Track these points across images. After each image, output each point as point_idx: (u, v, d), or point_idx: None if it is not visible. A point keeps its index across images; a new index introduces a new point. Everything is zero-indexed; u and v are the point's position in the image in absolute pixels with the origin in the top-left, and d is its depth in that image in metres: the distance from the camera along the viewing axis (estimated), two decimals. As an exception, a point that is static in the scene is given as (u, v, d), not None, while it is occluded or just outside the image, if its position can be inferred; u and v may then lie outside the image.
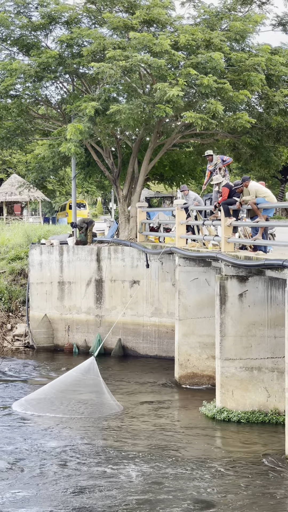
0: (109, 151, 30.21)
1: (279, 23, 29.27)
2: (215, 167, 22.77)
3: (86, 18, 29.10)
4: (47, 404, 20.24)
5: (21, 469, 15.75)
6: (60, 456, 16.51)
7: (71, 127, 25.02)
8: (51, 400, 20.44)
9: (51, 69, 27.76)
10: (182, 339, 23.19)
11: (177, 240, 24.13)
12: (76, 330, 28.98)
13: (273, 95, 26.94)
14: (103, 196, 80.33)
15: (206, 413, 19.57)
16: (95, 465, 15.90)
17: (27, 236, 33.85)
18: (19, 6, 28.61)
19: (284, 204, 31.83)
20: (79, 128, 24.86)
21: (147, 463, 15.96)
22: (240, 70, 25.87)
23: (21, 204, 60.94)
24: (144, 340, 27.58)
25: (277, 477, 15.17)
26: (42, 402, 20.36)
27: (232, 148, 30.70)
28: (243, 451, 16.80)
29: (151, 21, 26.80)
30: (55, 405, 20.25)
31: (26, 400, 20.64)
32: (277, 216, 54.36)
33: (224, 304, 19.16)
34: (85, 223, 30.26)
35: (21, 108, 28.82)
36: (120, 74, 24.80)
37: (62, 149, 25.85)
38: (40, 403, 20.30)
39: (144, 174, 29.51)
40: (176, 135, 28.97)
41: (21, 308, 30.60)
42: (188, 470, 15.57)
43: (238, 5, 28.60)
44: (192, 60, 25.15)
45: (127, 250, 28.04)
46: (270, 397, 19.16)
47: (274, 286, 19.13)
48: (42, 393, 20.74)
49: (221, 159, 22.85)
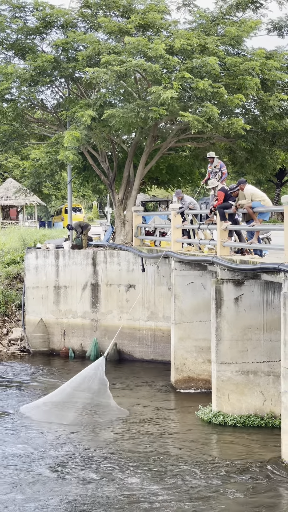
0: (105, 155, 30.22)
1: (274, 27, 29.30)
2: (213, 170, 22.85)
3: (82, 22, 29.13)
4: (53, 410, 20.14)
5: (20, 474, 15.71)
6: (58, 462, 16.49)
7: (68, 134, 25.03)
8: (57, 405, 20.33)
9: (47, 73, 27.76)
10: (178, 343, 23.18)
11: (173, 244, 24.14)
12: (72, 334, 28.95)
13: (268, 100, 26.98)
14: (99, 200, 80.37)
15: (202, 417, 19.56)
16: (91, 470, 15.87)
17: (23, 240, 33.83)
18: (15, 10, 28.61)
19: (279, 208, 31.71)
20: (76, 136, 24.88)
21: (143, 468, 15.93)
22: (235, 74, 25.90)
23: (17, 208, 60.93)
24: (140, 344, 27.55)
25: (273, 481, 15.15)
26: (48, 407, 20.28)
27: (228, 151, 30.73)
28: (239, 455, 16.79)
29: (147, 26, 26.83)
30: (61, 410, 20.14)
31: (33, 405, 20.58)
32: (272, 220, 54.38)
33: (220, 308, 19.16)
34: (80, 227, 30.25)
35: (17, 112, 28.85)
36: (115, 79, 24.81)
37: (60, 157, 25.89)
38: (46, 409, 20.22)
39: (140, 178, 29.52)
40: (171, 139, 28.99)
41: (17, 312, 30.57)
42: (184, 474, 15.54)
43: (233, 9, 28.63)
44: (187, 64, 25.18)
45: (123, 254, 28.04)
46: (266, 401, 19.16)
47: (269, 290, 19.14)
48: (48, 398, 20.65)
49: (221, 166, 22.92)
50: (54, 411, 20.08)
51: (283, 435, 16.02)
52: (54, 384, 23.74)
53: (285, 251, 16.21)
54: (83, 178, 34.87)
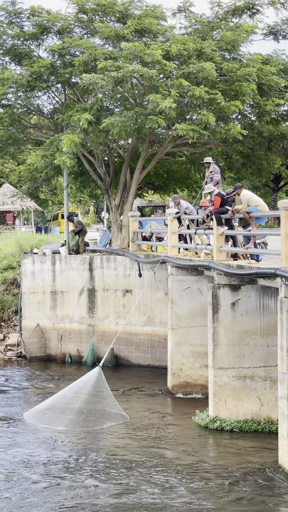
0: (101, 160, 30.23)
1: (270, 32, 29.36)
2: (209, 175, 22.91)
3: (78, 28, 29.16)
4: (53, 415, 20.09)
5: (18, 479, 15.68)
6: (55, 466, 16.47)
7: (67, 139, 25.01)
8: (57, 410, 20.27)
9: (43, 79, 27.77)
10: (175, 348, 23.17)
11: (170, 249, 24.14)
12: (69, 340, 28.93)
13: (265, 104, 27.03)
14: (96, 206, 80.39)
15: (199, 422, 19.54)
16: (87, 475, 15.85)
17: (20, 245, 33.81)
18: (11, 16, 28.65)
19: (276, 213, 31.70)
20: (74, 141, 24.88)
21: (140, 473, 15.91)
22: (231, 80, 25.94)
23: (13, 214, 60.90)
24: (136, 350, 27.54)
25: (270, 486, 15.14)
26: (49, 412, 20.23)
27: (225, 156, 30.77)
28: (236, 460, 16.77)
29: (143, 31, 26.87)
30: (62, 415, 20.09)
31: (34, 411, 20.53)
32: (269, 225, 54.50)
33: (216, 313, 19.17)
34: (80, 224, 30.25)
35: (13, 118, 28.86)
36: (112, 85, 24.84)
37: (57, 162, 25.89)
38: (47, 414, 20.17)
39: (137, 183, 29.54)
40: (168, 144, 29.03)
41: (14, 318, 30.55)
42: (181, 479, 15.53)
43: (229, 15, 28.70)
44: (183, 70, 25.21)
45: (119, 260, 28.03)
46: (263, 406, 19.16)
47: (266, 295, 19.15)
48: (50, 403, 20.60)
49: (215, 171, 22.98)
50: (54, 416, 20.01)
51: (280, 440, 16.02)
52: (51, 390, 23.75)
53: (281, 256, 16.22)
54: (79, 183, 34.89)
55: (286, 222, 15.97)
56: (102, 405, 20.56)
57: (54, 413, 20.16)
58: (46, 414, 20.19)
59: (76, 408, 20.23)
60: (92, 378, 20.60)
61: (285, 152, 30.22)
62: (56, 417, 19.92)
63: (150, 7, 28.12)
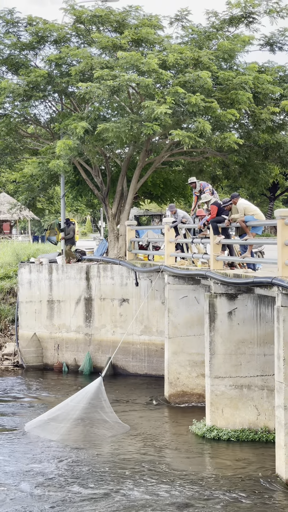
0: (98, 169, 30.26)
1: (267, 42, 29.45)
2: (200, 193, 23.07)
3: (75, 38, 29.24)
4: (55, 425, 20.02)
5: (16, 490, 15.62)
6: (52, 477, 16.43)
7: (61, 143, 25.07)
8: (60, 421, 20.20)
9: (40, 88, 27.84)
10: (172, 357, 23.14)
11: (166, 258, 24.14)
12: (66, 349, 28.88)
13: (260, 113, 27.09)
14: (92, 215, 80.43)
15: (196, 431, 19.50)
16: (84, 485, 15.79)
17: (16, 254, 33.81)
18: (8, 25, 28.73)
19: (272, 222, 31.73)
20: (68, 144, 24.90)
21: (137, 483, 15.86)
22: (227, 88, 26.01)
23: (10, 223, 60.94)
24: (133, 359, 27.50)
25: (267, 495, 15.10)
26: (51, 423, 20.15)
27: (222, 165, 30.83)
28: (233, 470, 16.73)
29: (140, 40, 26.94)
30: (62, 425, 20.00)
31: (36, 421, 20.45)
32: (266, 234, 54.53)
33: (213, 322, 19.15)
34: (73, 232, 30.23)
35: (10, 127, 28.90)
36: (108, 94, 24.90)
37: (51, 165, 25.88)
38: (48, 424, 20.09)
39: (133, 193, 29.56)
40: (164, 153, 29.07)
41: (10, 327, 30.51)
42: (178, 489, 15.48)
43: (226, 24, 28.80)
44: (180, 78, 25.27)
45: (116, 269, 28.02)
46: (260, 415, 19.12)
47: (263, 304, 19.14)
48: (51, 414, 20.52)
49: (203, 186, 23.11)
50: (55, 426, 19.91)
51: (277, 450, 15.98)
52: (48, 399, 23.74)
53: (278, 265, 16.23)
54: (76, 192, 34.93)
55: (282, 231, 15.98)
56: (102, 415, 20.50)
57: (55, 423, 20.08)
58: (48, 424, 20.12)
59: (77, 418, 20.16)
60: (93, 389, 20.52)
61: (281, 161, 30.27)
62: (56, 427, 19.85)
63: (146, 17, 28.21)
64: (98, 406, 20.54)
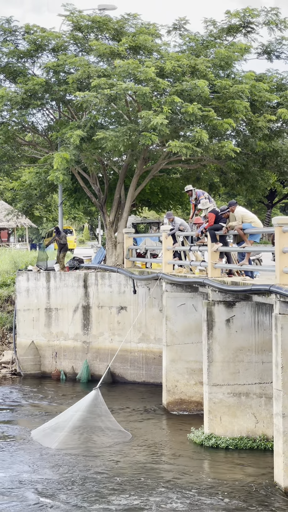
0: (96, 177, 30.29)
1: (264, 51, 29.50)
2: (196, 202, 23.12)
3: (73, 46, 29.29)
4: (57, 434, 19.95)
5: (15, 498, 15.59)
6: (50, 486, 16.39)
7: (58, 156, 25.10)
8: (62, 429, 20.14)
9: (38, 96, 27.87)
10: (170, 365, 23.12)
11: (164, 265, 24.14)
12: (64, 357, 28.83)
13: (257, 121, 27.14)
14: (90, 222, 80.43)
15: (194, 439, 19.46)
16: (81, 494, 15.77)
17: (14, 262, 33.77)
18: (6, 34, 28.78)
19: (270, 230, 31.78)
20: (65, 158, 24.94)
21: (135, 491, 15.82)
22: (224, 97, 26.05)
23: (8, 231, 60.93)
24: (131, 367, 27.45)
25: (266, 503, 15.07)
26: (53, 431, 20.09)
27: (219, 173, 30.86)
28: (232, 478, 16.69)
29: (137, 48, 27.00)
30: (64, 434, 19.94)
31: (40, 429, 20.40)
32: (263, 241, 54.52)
33: (211, 330, 19.14)
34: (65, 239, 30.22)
35: (8, 135, 28.93)
36: (105, 103, 24.93)
37: (51, 178, 25.95)
38: (51, 433, 20.04)
39: (131, 200, 29.58)
40: (162, 161, 29.10)
41: (8, 335, 30.46)
42: (176, 497, 15.44)
43: (224, 33, 28.87)
44: (177, 87, 25.31)
45: (114, 276, 28.01)
46: (258, 423, 19.09)
47: (261, 311, 19.13)
48: (54, 422, 20.47)
49: (199, 194, 23.19)
50: (56, 435, 19.86)
51: (276, 458, 15.95)
52: (46, 407, 23.73)
53: (276, 273, 16.23)
54: (74, 200, 34.93)
55: (280, 239, 15.99)
56: (104, 423, 20.45)
57: (58, 432, 20.04)
58: (50, 432, 20.07)
59: (77, 426, 20.11)
60: (92, 399, 20.47)
61: (279, 169, 30.31)
62: (57, 436, 19.80)
63: (144, 25, 28.27)
64: (99, 414, 20.50)
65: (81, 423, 20.19)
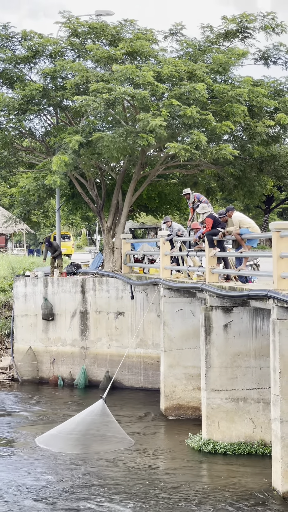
0: (93, 182, 30.29)
1: (261, 56, 29.55)
2: (194, 205, 23.13)
3: (70, 51, 29.33)
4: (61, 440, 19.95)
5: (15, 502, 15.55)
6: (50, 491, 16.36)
7: (56, 159, 25.11)
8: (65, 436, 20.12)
9: (35, 102, 27.89)
10: (168, 370, 23.09)
11: (162, 271, 24.13)
12: (61, 363, 28.79)
13: (255, 126, 27.18)
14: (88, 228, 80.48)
15: (192, 445, 19.43)
16: (79, 500, 15.73)
17: (12, 268, 33.75)
18: (3, 40, 28.81)
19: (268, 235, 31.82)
20: (64, 160, 24.94)
21: (133, 497, 15.79)
22: (222, 101, 26.09)
23: (5, 236, 60.94)
24: (129, 372, 27.42)
25: (264, 509, 15.03)
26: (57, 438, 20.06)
27: (217, 178, 30.88)
28: (230, 484, 16.67)
29: (135, 53, 27.04)
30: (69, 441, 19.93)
31: (47, 435, 20.36)
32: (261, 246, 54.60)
33: (209, 335, 19.13)
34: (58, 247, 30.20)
35: (5, 141, 28.93)
36: (104, 107, 24.95)
37: (48, 182, 25.94)
38: (54, 439, 20.01)
39: (128, 206, 29.58)
40: (160, 166, 29.12)
41: (6, 340, 30.42)
42: (175, 503, 15.41)
43: (221, 38, 28.92)
44: (175, 91, 25.35)
45: (111, 282, 28.00)
46: (256, 428, 19.07)
47: (258, 317, 19.13)
48: (57, 429, 20.45)
49: (197, 198, 23.21)
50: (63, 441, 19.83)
51: (274, 463, 15.93)
52: (44, 413, 23.67)
53: (273, 278, 16.23)
54: (71, 205, 34.93)
55: (278, 244, 16.00)
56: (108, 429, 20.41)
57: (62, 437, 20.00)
58: (55, 438, 20.04)
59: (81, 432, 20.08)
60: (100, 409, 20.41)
61: (276, 174, 30.34)
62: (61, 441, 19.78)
63: (141, 30, 28.32)
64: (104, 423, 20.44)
65: (86, 431, 20.14)
